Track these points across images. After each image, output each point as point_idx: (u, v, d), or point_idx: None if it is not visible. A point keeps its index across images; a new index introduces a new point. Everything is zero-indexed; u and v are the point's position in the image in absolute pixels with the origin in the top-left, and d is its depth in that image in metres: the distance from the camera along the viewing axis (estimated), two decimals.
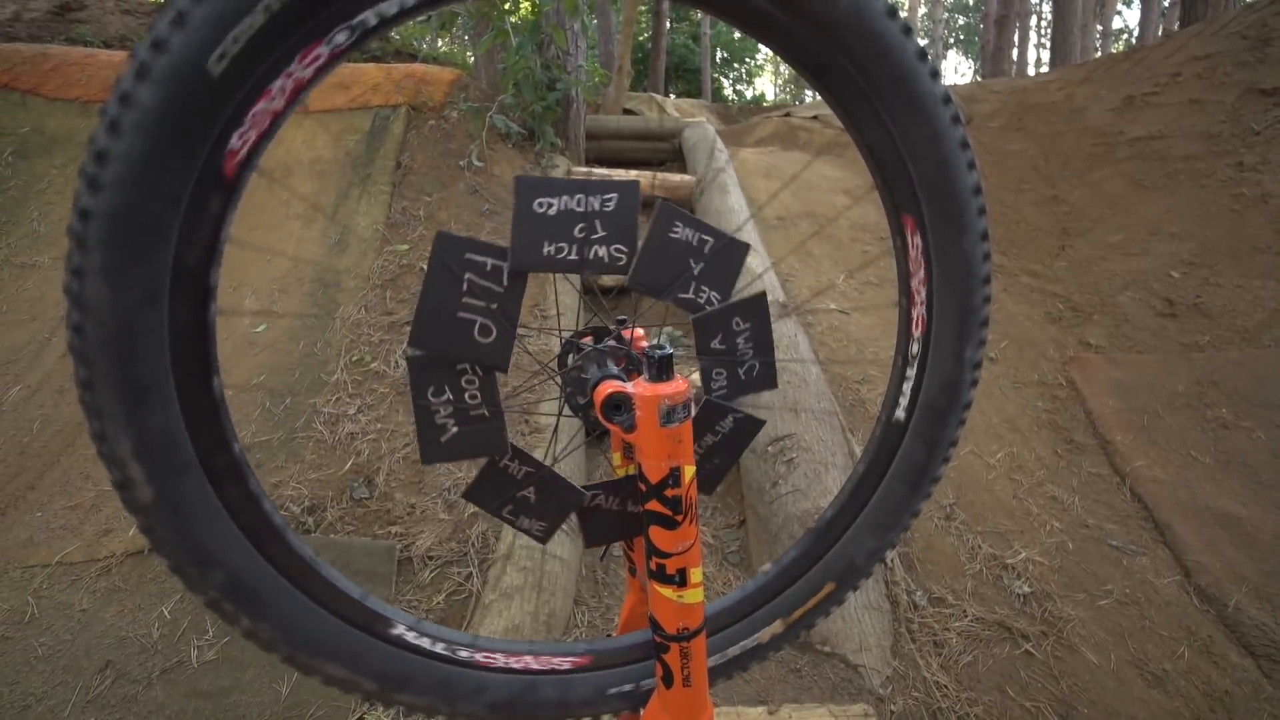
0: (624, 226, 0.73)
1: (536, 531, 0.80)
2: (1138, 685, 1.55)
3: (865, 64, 0.65)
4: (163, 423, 0.53)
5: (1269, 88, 3.73)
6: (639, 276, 0.76)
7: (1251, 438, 2.30)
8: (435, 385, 0.70)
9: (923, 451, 0.80)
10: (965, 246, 0.72)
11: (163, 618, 1.60)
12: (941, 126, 0.68)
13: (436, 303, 0.67)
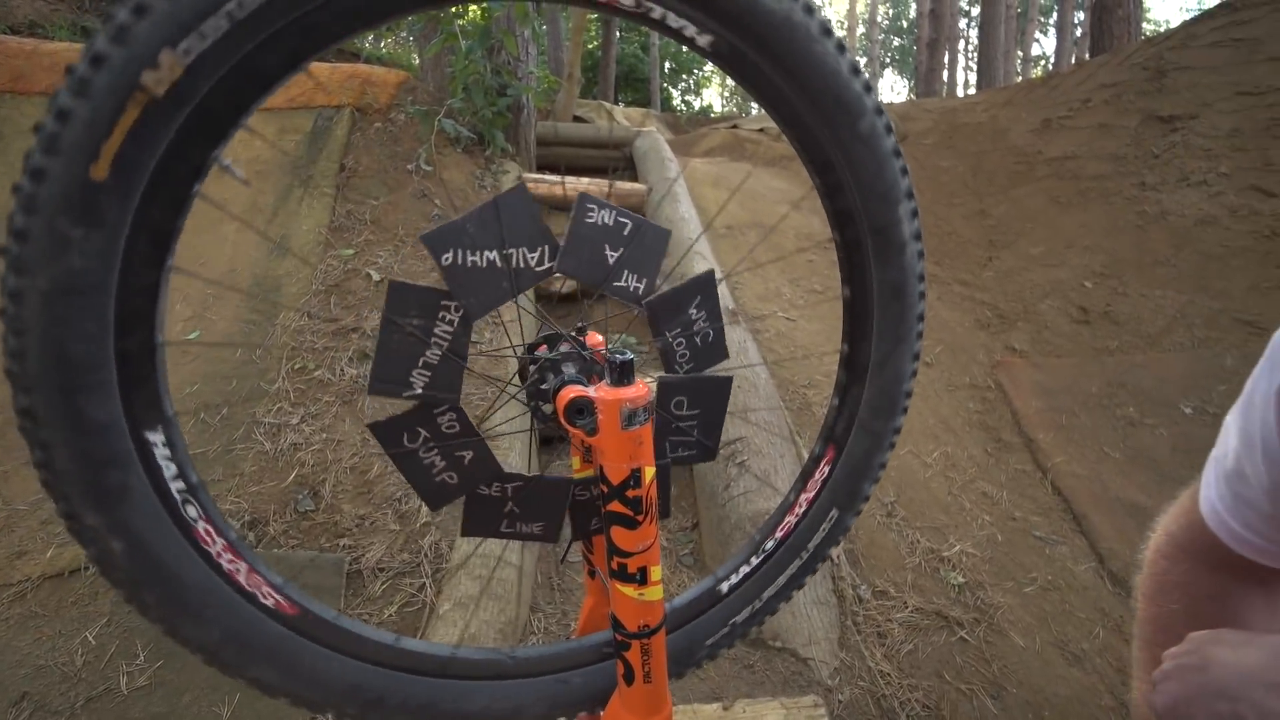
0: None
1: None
2: (1060, 664, 1.67)
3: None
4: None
5: (1166, 115, 4.10)
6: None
7: (1155, 434, 2.52)
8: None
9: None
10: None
11: (86, 643, 1.50)
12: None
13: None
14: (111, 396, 0.54)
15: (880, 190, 0.71)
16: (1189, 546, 0.78)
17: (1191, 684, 0.58)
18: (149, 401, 0.59)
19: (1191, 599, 0.78)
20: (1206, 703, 0.55)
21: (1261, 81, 3.93)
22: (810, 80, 0.65)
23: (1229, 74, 4.10)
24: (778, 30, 0.62)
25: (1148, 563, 0.84)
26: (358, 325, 2.66)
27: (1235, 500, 0.67)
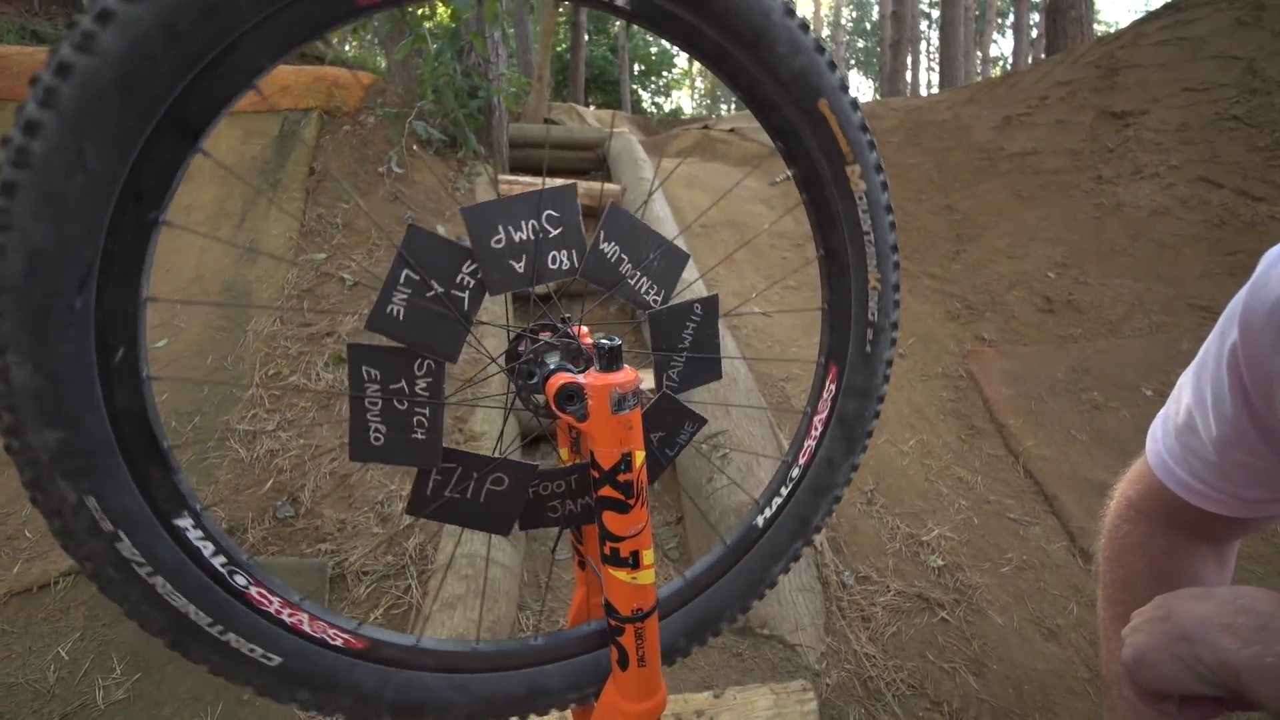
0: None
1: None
2: (1037, 640, 1.73)
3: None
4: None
5: (1119, 111, 4.27)
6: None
7: (1119, 416, 2.62)
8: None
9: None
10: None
11: (59, 659, 1.45)
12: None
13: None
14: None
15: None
16: (1146, 509, 0.82)
17: (1156, 633, 0.61)
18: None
19: (1151, 557, 0.82)
20: (1169, 646, 0.59)
21: (1206, 78, 4.11)
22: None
23: (1176, 71, 4.28)
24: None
25: (1107, 528, 0.88)
26: (332, 329, 2.62)
27: (1184, 451, 0.71)
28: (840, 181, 0.77)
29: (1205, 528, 0.77)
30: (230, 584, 0.63)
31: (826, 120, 0.74)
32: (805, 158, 0.77)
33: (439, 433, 0.74)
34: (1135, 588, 0.83)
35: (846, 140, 0.76)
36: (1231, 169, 3.61)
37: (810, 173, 0.77)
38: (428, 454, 0.74)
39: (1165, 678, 0.59)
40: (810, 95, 0.72)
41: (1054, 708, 1.52)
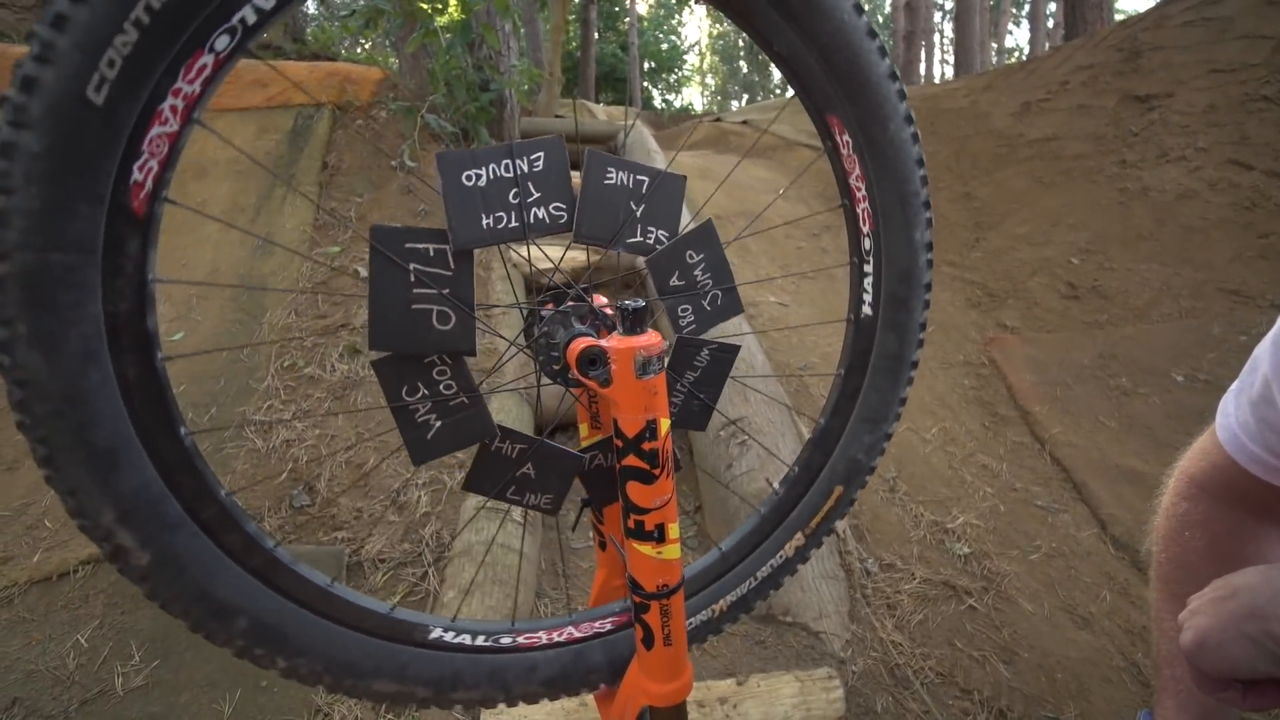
0: (557, 184, 0.72)
1: (545, 505, 0.80)
2: (1069, 628, 1.67)
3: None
4: (140, 482, 0.51)
5: (1143, 94, 4.16)
6: (584, 229, 0.75)
7: (1148, 402, 2.55)
8: (408, 384, 0.68)
9: (895, 341, 0.82)
10: (892, 132, 0.74)
11: (79, 646, 1.45)
12: (845, 18, 0.68)
13: (387, 300, 0.65)
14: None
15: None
16: (1209, 486, 0.78)
17: (1220, 613, 0.57)
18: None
19: (1213, 536, 0.78)
20: (1236, 626, 0.55)
21: (1234, 59, 3.99)
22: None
23: (1202, 52, 4.17)
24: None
25: (1165, 507, 0.84)
26: (346, 321, 2.61)
27: (1260, 425, 0.67)
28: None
29: (1273, 504, 0.73)
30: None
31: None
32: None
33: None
34: (1194, 567, 0.79)
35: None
36: (1262, 150, 3.50)
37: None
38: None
39: (1232, 660, 0.55)
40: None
41: (1089, 696, 1.47)
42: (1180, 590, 0.81)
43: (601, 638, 0.84)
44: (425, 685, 0.71)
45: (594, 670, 0.82)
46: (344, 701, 1.33)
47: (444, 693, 0.72)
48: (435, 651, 0.72)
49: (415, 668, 0.70)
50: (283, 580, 0.62)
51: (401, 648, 0.70)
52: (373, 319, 0.65)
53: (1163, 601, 0.84)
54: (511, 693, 0.76)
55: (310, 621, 0.64)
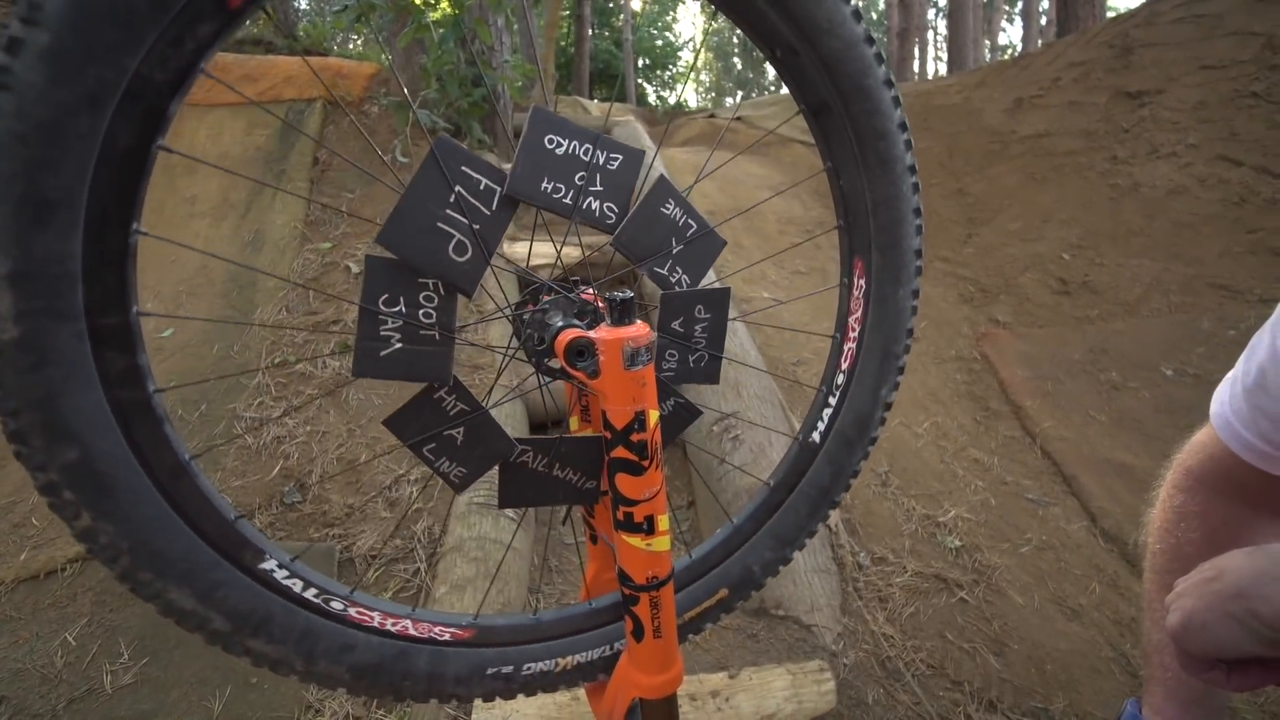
0: (621, 187, 0.74)
1: (454, 477, 0.73)
2: (1059, 620, 1.69)
3: (858, 119, 0.74)
4: (57, 253, 0.45)
5: (1134, 90, 4.18)
6: (623, 238, 0.76)
7: (1138, 396, 2.56)
8: (390, 294, 0.65)
9: (829, 476, 0.87)
10: (900, 296, 0.81)
11: (66, 645, 1.44)
12: (904, 189, 0.77)
13: (419, 207, 0.64)
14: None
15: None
16: (1205, 478, 0.79)
17: (1206, 594, 0.57)
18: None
19: (1209, 528, 0.79)
20: (1221, 606, 0.55)
21: (1224, 55, 4.02)
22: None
23: (1192, 49, 4.19)
24: None
25: (1161, 499, 0.85)
26: (338, 318, 2.60)
27: (1253, 412, 0.68)
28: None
29: (1268, 496, 0.73)
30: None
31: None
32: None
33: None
34: (1189, 559, 0.79)
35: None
36: (1251, 146, 3.53)
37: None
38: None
39: (1216, 640, 0.55)
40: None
41: (1078, 687, 1.48)
42: (1174, 580, 0.81)
43: (434, 645, 0.74)
44: (225, 617, 0.60)
45: (410, 677, 0.72)
46: (335, 697, 1.32)
47: (240, 634, 0.61)
48: (257, 585, 0.62)
49: (226, 592, 0.60)
50: (142, 434, 0.54)
51: (225, 564, 0.60)
52: (395, 216, 0.63)
53: (1155, 592, 0.84)
54: (312, 665, 0.66)
55: (144, 488, 0.54)
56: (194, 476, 0.58)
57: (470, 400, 0.74)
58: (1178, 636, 0.59)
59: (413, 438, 0.71)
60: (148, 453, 0.54)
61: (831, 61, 0.71)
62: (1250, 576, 0.54)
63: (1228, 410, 0.71)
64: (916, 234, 0.80)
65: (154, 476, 0.54)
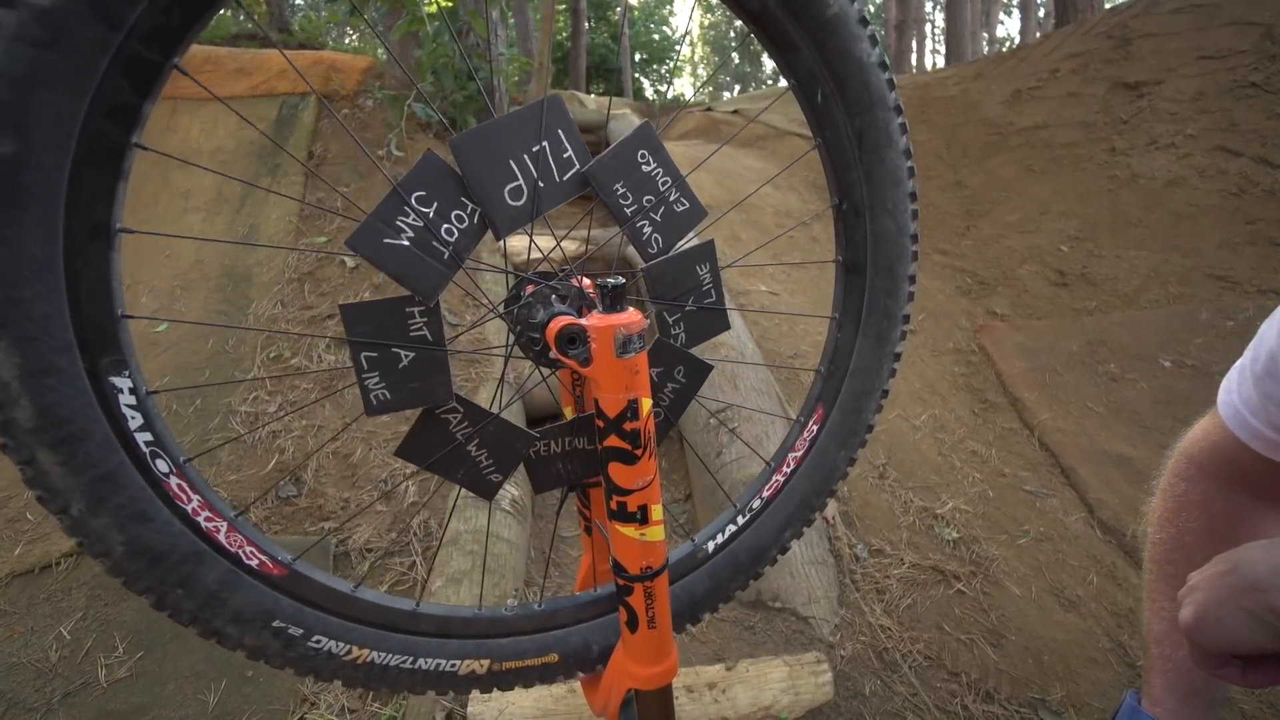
0: (675, 229, 0.78)
1: (374, 398, 0.67)
2: (1056, 611, 1.68)
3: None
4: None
5: (1132, 81, 4.16)
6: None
7: (1136, 388, 2.56)
8: (429, 194, 0.65)
9: (705, 587, 0.90)
10: (839, 459, 0.90)
11: (61, 639, 1.43)
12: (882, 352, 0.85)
13: (502, 139, 0.66)
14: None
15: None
16: (1208, 466, 0.78)
17: (1220, 587, 0.56)
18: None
19: (1210, 517, 0.78)
20: (1236, 599, 0.54)
21: (1223, 45, 4.00)
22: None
23: (1191, 39, 4.17)
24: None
25: (1162, 488, 0.84)
26: (333, 312, 2.58)
27: (1262, 399, 0.67)
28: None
29: (1273, 486, 0.72)
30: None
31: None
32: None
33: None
34: (1190, 548, 0.78)
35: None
36: (1250, 136, 3.52)
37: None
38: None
39: (1231, 635, 0.54)
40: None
41: (1075, 678, 1.48)
42: (1175, 570, 0.80)
43: (235, 565, 0.63)
44: (37, 411, 0.49)
45: (186, 587, 0.60)
46: (330, 690, 1.32)
47: (39, 436, 0.50)
48: (91, 394, 0.52)
49: (57, 384, 0.50)
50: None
51: (75, 355, 0.51)
52: (479, 132, 0.65)
53: (1156, 581, 0.84)
54: (91, 515, 0.54)
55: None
56: (110, 250, 0.53)
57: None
58: (1191, 631, 0.58)
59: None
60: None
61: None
62: (1266, 570, 0.53)
63: (1236, 398, 0.70)
64: (877, 407, 0.87)
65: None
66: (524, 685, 0.84)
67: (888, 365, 0.86)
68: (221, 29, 5.77)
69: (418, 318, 0.67)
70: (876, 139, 0.77)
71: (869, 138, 0.76)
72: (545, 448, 0.79)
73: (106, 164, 0.51)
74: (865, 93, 0.74)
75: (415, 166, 0.64)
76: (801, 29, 0.71)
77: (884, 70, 0.74)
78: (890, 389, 0.88)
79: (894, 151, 0.78)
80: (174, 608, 0.60)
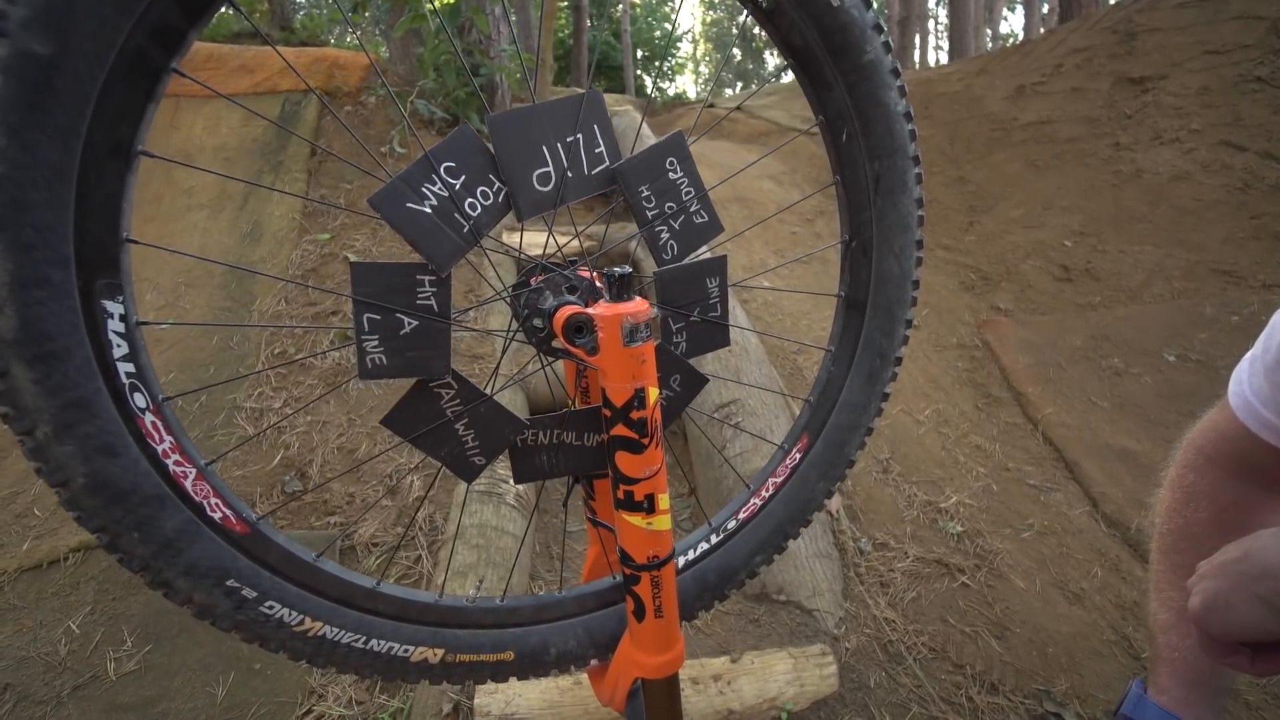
0: (692, 239, 0.79)
1: (377, 358, 0.67)
2: (1061, 604, 1.69)
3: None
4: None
5: (1137, 76, 4.15)
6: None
7: (1140, 382, 2.55)
8: (457, 165, 0.65)
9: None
10: (816, 489, 0.91)
11: (70, 632, 1.44)
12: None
13: (538, 125, 0.67)
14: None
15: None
16: (1216, 457, 0.78)
17: (1230, 574, 0.56)
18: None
19: (1218, 507, 0.78)
20: (1247, 586, 0.54)
21: (1228, 40, 3.98)
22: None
23: (1196, 34, 4.15)
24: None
25: (1171, 479, 0.84)
26: (337, 308, 2.59)
27: (1272, 389, 0.67)
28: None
29: (1277, 481, 0.73)
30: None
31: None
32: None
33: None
34: (1197, 538, 0.79)
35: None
36: (1255, 131, 3.50)
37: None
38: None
39: (1242, 621, 0.54)
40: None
41: (1079, 669, 1.48)
42: (1182, 560, 0.81)
43: (197, 516, 0.61)
44: (20, 324, 0.48)
45: (143, 530, 0.58)
46: (338, 681, 1.33)
47: (18, 351, 0.48)
48: (79, 312, 0.51)
49: (46, 297, 0.49)
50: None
51: (68, 272, 0.50)
52: (517, 115, 0.66)
53: (1163, 571, 0.84)
54: (56, 442, 0.52)
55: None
56: (128, 171, 0.53)
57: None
58: (1200, 619, 0.58)
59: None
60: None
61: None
62: (1277, 556, 0.53)
63: (1246, 389, 0.70)
64: (861, 443, 0.89)
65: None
66: (475, 680, 0.82)
67: (875, 403, 0.87)
68: (224, 26, 5.78)
69: (427, 287, 0.66)
70: (893, 184, 0.78)
71: (886, 182, 0.78)
72: (533, 437, 0.78)
73: (141, 84, 0.50)
74: (889, 139, 0.76)
75: (448, 137, 0.64)
76: (837, 69, 0.73)
77: (909, 121, 0.76)
78: (875, 427, 0.89)
79: (907, 199, 0.79)
80: (125, 551, 0.57)
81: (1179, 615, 0.80)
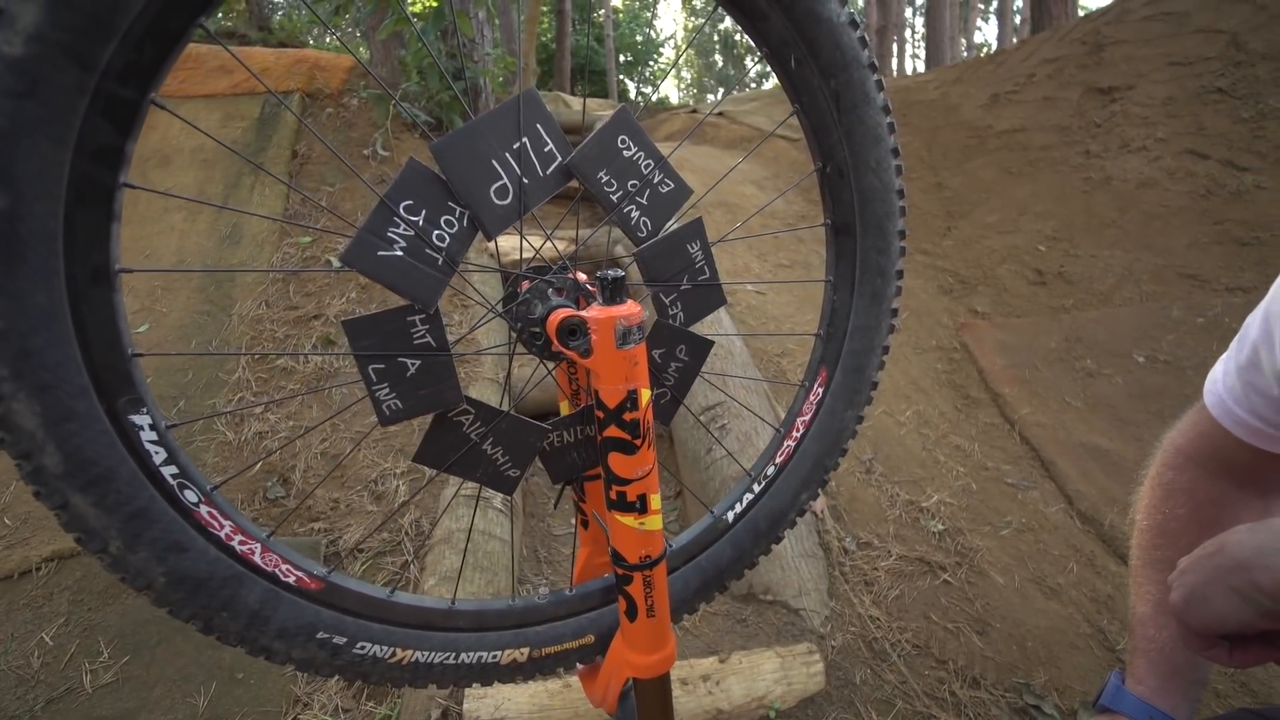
0: (662, 210, 0.77)
1: (387, 408, 0.68)
2: (1038, 599, 1.73)
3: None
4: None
5: (1105, 86, 4.28)
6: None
7: (1112, 383, 2.63)
8: (416, 203, 0.64)
9: (729, 556, 0.91)
10: (846, 417, 0.90)
11: (43, 644, 1.41)
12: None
13: (483, 138, 0.65)
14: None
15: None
16: (1195, 455, 0.81)
17: (1208, 568, 0.58)
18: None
19: (1195, 504, 0.81)
20: (1223, 579, 0.55)
21: (1191, 52, 4.12)
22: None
23: (1161, 46, 4.29)
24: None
25: (1151, 477, 0.87)
26: (319, 312, 2.56)
27: (1245, 389, 0.70)
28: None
29: (1256, 473, 0.75)
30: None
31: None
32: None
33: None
34: (1175, 534, 0.81)
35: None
36: (1217, 140, 3.63)
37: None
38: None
39: (1219, 613, 0.56)
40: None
41: (1057, 662, 1.52)
42: (1160, 555, 0.83)
43: (273, 583, 0.64)
44: (63, 456, 0.50)
45: (230, 609, 0.61)
46: (323, 690, 1.31)
47: (68, 481, 0.51)
48: (115, 434, 0.52)
49: (77, 428, 0.50)
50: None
51: (92, 396, 0.52)
52: (460, 135, 0.64)
53: (1142, 566, 0.86)
54: (130, 551, 0.56)
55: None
56: (113, 292, 0.52)
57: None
58: (1180, 612, 0.59)
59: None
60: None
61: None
62: (1252, 550, 0.54)
63: (1221, 388, 0.73)
64: (879, 363, 0.88)
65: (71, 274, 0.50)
66: (566, 668, 0.87)
67: (885, 321, 0.86)
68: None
69: (419, 325, 0.67)
70: (854, 98, 0.75)
71: (846, 98, 0.75)
72: (559, 438, 0.80)
73: (98, 207, 0.51)
74: (838, 53, 0.73)
75: (399, 175, 0.63)
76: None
77: (854, 29, 0.73)
78: (890, 345, 0.87)
79: (872, 109, 0.76)
80: (221, 630, 0.62)
81: (1156, 608, 0.82)
